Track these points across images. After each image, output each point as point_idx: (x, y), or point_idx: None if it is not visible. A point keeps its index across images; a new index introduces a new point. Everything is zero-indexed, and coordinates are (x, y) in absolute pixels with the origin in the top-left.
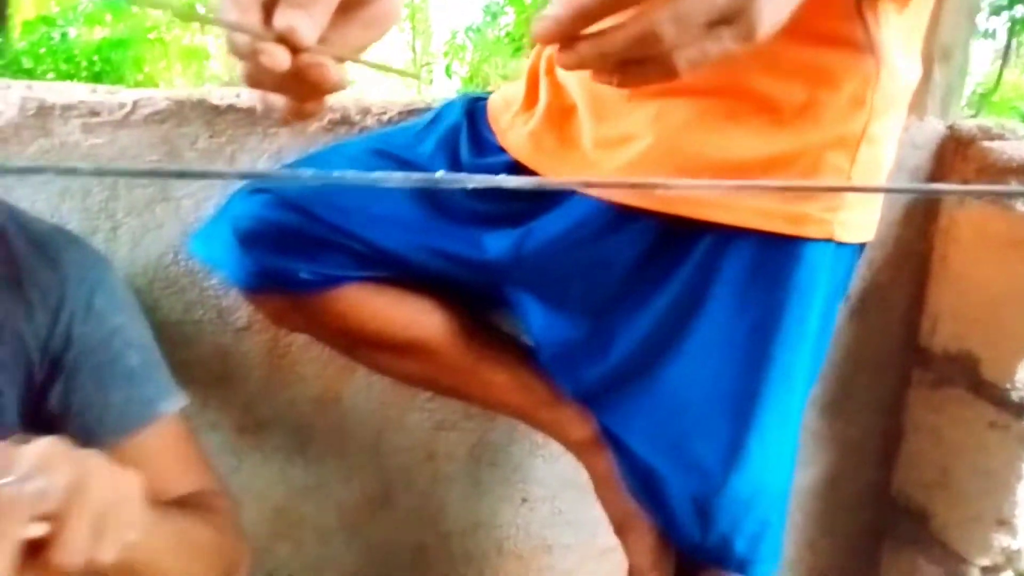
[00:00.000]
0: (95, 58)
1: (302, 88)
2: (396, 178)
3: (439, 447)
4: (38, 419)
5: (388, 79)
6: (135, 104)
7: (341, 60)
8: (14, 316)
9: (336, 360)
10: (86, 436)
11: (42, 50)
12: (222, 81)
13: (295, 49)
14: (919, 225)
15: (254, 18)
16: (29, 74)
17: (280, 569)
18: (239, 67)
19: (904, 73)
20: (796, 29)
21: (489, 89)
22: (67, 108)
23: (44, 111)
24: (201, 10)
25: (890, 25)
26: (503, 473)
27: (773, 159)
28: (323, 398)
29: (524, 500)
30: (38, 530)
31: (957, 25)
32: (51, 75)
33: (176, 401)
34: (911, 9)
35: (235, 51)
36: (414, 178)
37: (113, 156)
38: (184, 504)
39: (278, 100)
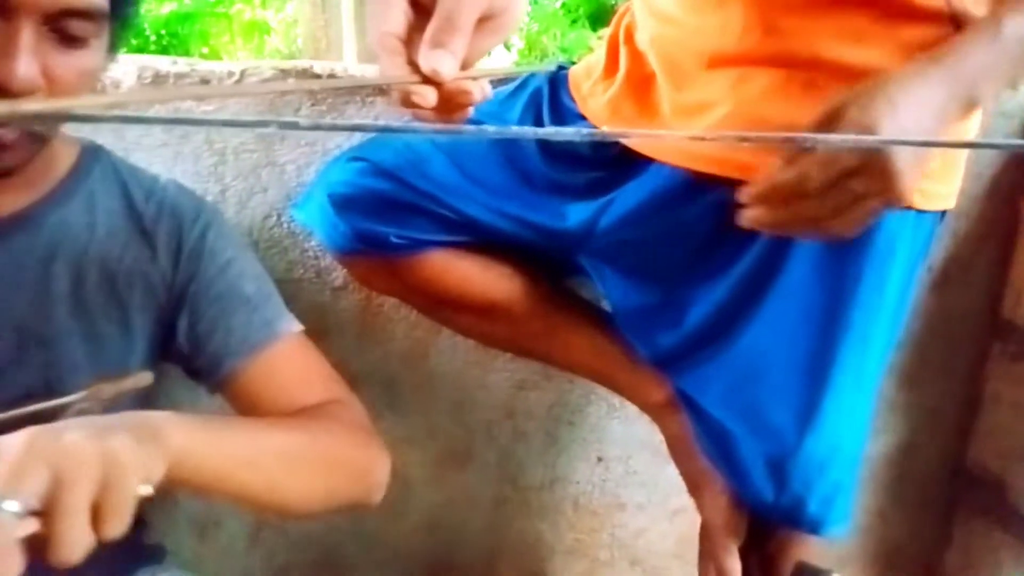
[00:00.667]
0: (163, 31)
1: (450, 106)
2: (567, 132)
3: (519, 406)
4: (167, 357)
5: None
6: (243, 73)
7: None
8: (141, 261)
9: (424, 320)
10: (214, 363)
11: None
12: (282, 55)
13: (441, 83)
14: (1005, 196)
15: (401, 60)
16: None
17: (367, 515)
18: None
19: None
20: (879, 3)
21: (548, 60)
22: (180, 77)
23: (159, 80)
24: None
25: None
26: (580, 432)
27: None
28: (411, 356)
29: (600, 459)
30: (29, 528)
31: None
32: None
33: (293, 323)
34: None
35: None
36: (584, 132)
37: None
38: (308, 415)
39: (430, 115)
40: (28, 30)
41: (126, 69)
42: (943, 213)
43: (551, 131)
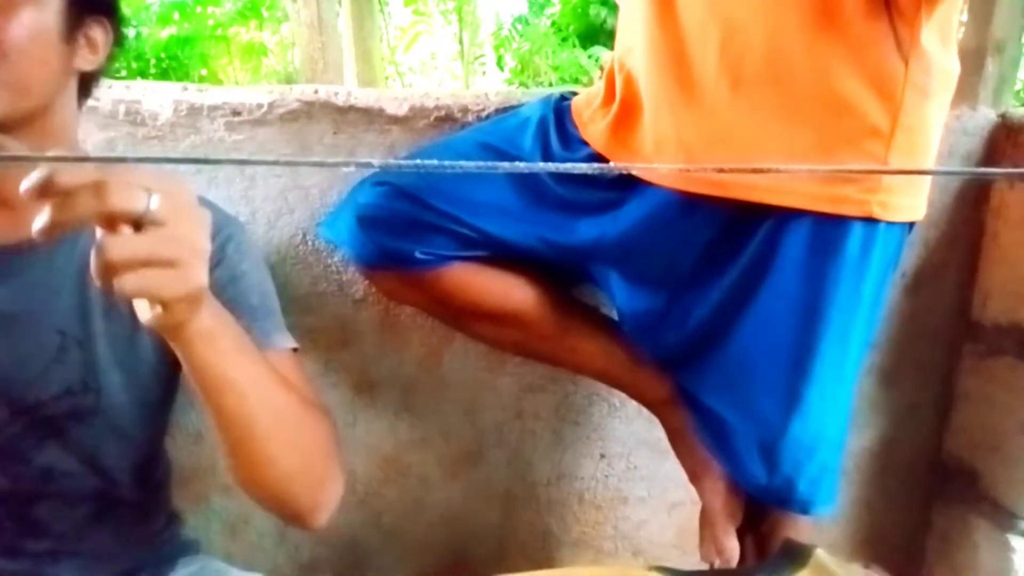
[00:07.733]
0: (162, 55)
1: None
2: (581, 167)
3: (527, 407)
4: None
5: (434, 72)
6: (271, 105)
7: None
8: None
9: (438, 329)
10: None
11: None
12: (279, 75)
13: None
14: (971, 207)
15: None
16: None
17: (387, 510)
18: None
19: (938, 65)
20: (831, 33)
21: (540, 80)
22: (213, 108)
23: (194, 111)
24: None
25: (921, 24)
26: (584, 431)
27: (811, 148)
28: (426, 362)
29: (602, 456)
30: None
31: (1011, 20)
32: (123, 72)
33: (288, 341)
34: (941, 10)
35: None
36: (595, 167)
37: (253, 151)
38: (312, 405)
39: None
40: None
41: (162, 102)
42: (911, 224)
43: (566, 166)
